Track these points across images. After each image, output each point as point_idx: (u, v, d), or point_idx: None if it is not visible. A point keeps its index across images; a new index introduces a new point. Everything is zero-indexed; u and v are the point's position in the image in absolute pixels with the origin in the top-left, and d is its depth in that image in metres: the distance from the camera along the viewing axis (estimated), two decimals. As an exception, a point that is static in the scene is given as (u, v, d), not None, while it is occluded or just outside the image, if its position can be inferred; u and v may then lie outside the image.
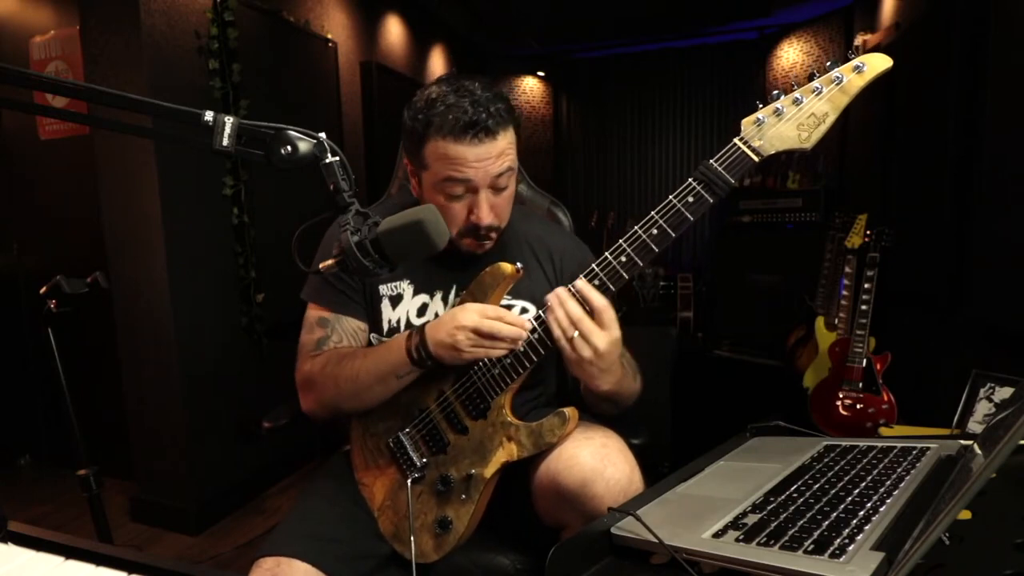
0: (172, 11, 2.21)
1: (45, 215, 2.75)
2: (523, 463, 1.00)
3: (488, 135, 0.98)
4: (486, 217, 1.02)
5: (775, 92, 0.90)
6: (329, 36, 3.06)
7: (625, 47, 5.10)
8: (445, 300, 1.13)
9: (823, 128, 0.88)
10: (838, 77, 0.87)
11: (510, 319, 0.96)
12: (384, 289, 1.13)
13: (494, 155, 1.00)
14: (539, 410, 1.18)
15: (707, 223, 4.94)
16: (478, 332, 0.94)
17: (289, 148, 0.76)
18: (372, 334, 1.15)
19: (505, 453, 0.99)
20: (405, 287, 1.14)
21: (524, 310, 1.14)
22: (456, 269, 1.13)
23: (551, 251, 1.18)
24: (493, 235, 1.08)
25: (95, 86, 0.74)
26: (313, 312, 1.15)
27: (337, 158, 0.78)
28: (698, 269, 4.71)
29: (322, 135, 0.77)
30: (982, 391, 1.41)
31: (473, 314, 0.96)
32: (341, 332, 1.12)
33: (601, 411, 1.09)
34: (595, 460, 0.93)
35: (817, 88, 0.88)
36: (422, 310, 1.13)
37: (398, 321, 1.13)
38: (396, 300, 1.13)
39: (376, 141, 3.47)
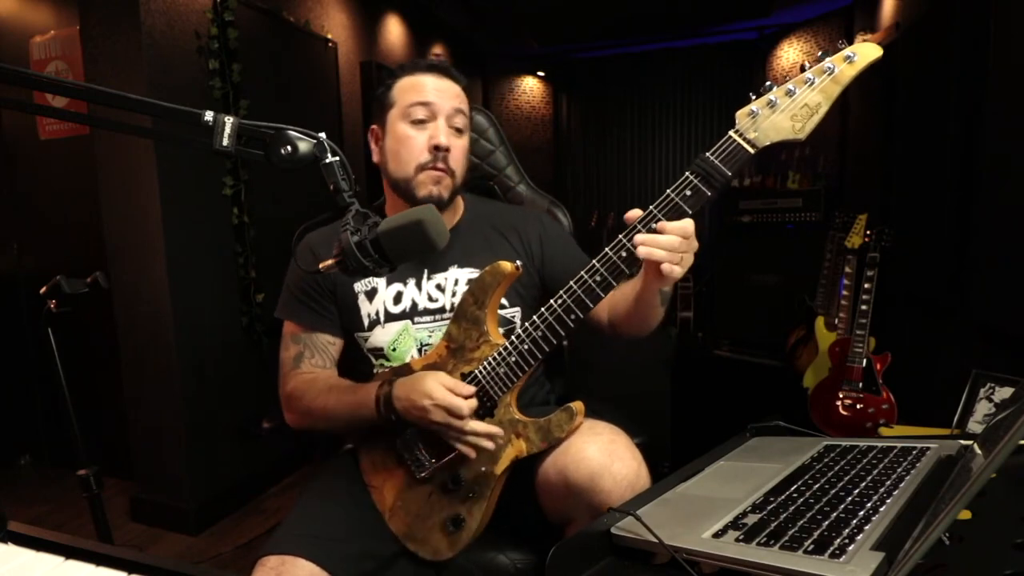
0: (172, 11, 2.21)
1: (45, 215, 2.75)
2: (528, 459, 1.01)
3: (447, 75, 1.15)
4: (444, 138, 1.10)
5: (768, 83, 0.90)
6: (329, 36, 3.06)
7: (625, 47, 5.10)
8: (419, 286, 1.16)
9: (816, 118, 0.88)
10: (830, 67, 0.86)
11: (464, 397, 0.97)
12: (358, 286, 1.16)
13: (451, 92, 1.14)
14: (539, 406, 1.19)
15: (707, 223, 4.93)
16: (440, 406, 0.96)
17: (289, 148, 0.76)
18: (356, 333, 1.17)
19: (514, 450, 1.00)
20: (378, 280, 1.16)
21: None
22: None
23: (513, 224, 1.24)
24: (448, 175, 1.13)
25: (95, 86, 0.74)
26: (287, 328, 1.21)
27: (337, 158, 0.78)
28: (698, 269, 4.71)
29: (322, 135, 0.77)
30: (982, 391, 1.41)
31: (440, 389, 0.97)
32: (314, 348, 1.19)
33: (655, 320, 1.09)
34: (603, 455, 0.94)
35: (809, 79, 0.88)
36: (397, 298, 1.15)
37: (377, 313, 1.15)
38: (371, 294, 1.16)
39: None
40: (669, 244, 0.90)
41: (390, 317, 1.15)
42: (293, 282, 1.21)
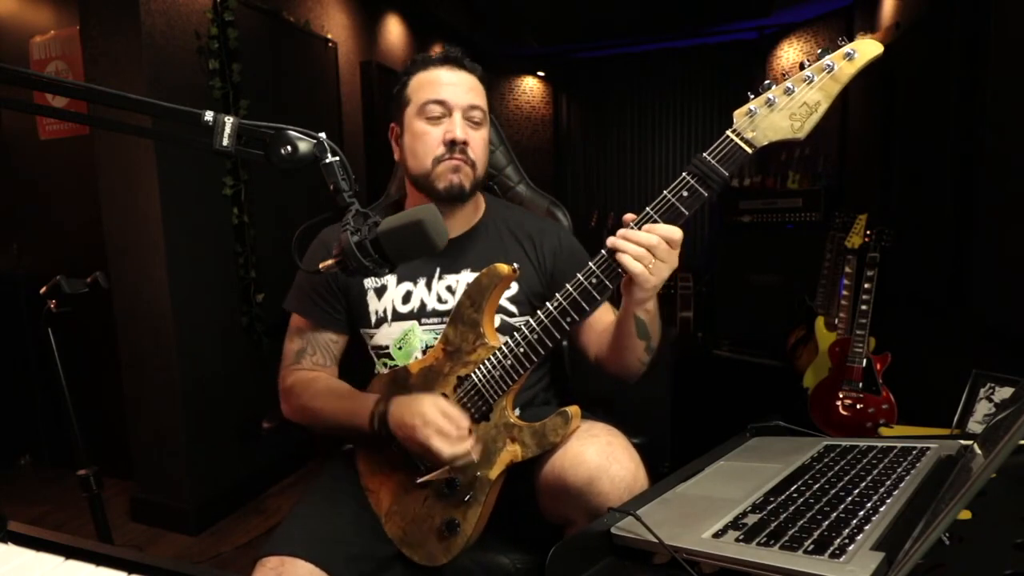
0: (172, 11, 2.21)
1: (45, 215, 2.75)
2: (527, 460, 1.00)
3: (461, 67, 1.14)
4: (460, 132, 1.11)
5: (766, 82, 0.88)
6: (329, 36, 3.06)
7: (625, 47, 5.11)
8: (429, 286, 1.16)
9: (815, 117, 0.86)
10: (829, 65, 0.85)
11: (457, 425, 0.96)
12: (368, 282, 1.17)
13: (467, 85, 1.13)
14: (536, 408, 1.19)
15: (707, 223, 4.95)
16: (431, 425, 0.95)
17: (289, 148, 0.76)
18: (362, 329, 1.18)
19: (510, 454, 0.99)
20: (388, 277, 1.17)
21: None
22: (438, 255, 1.13)
23: (530, 233, 1.22)
24: (468, 165, 1.12)
25: (95, 86, 0.74)
26: (294, 321, 1.22)
27: (337, 158, 0.78)
28: (698, 269, 4.71)
29: (322, 135, 0.78)
30: (982, 391, 1.41)
31: (434, 410, 0.96)
32: (316, 346, 1.20)
33: (635, 360, 1.08)
34: (601, 457, 0.93)
35: (808, 77, 0.86)
36: (406, 298, 1.16)
37: (384, 311, 1.16)
38: (381, 291, 1.17)
39: (376, 141, 3.46)
40: (646, 241, 0.89)
41: (398, 316, 1.15)
42: (305, 275, 1.22)
